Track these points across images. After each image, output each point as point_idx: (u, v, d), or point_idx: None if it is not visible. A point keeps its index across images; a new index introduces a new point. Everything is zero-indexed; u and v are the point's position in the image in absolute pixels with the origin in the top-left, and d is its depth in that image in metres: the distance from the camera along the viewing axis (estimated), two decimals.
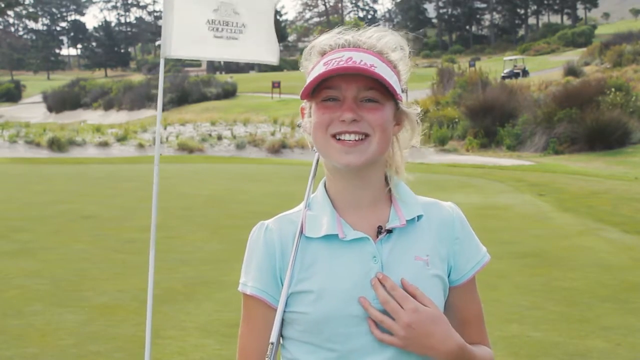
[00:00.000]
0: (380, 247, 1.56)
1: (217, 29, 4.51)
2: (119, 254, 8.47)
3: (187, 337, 5.54)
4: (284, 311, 1.56)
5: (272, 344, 1.51)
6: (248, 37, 4.54)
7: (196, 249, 8.74)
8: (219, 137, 28.17)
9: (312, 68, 1.58)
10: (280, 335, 1.60)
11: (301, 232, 1.57)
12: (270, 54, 4.61)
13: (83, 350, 5.27)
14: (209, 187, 14.50)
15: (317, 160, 1.67)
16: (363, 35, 1.60)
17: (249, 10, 4.54)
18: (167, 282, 7.08)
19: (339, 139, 1.53)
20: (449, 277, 1.63)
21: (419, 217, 1.61)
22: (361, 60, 1.51)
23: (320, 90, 1.54)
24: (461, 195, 12.59)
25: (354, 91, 1.52)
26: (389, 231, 1.57)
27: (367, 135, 1.53)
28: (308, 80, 1.55)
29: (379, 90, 1.53)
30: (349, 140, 1.52)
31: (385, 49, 1.58)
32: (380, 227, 1.58)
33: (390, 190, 1.63)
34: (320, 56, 1.59)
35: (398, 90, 1.54)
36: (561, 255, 8.38)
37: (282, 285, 1.56)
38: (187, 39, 4.53)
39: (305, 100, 1.61)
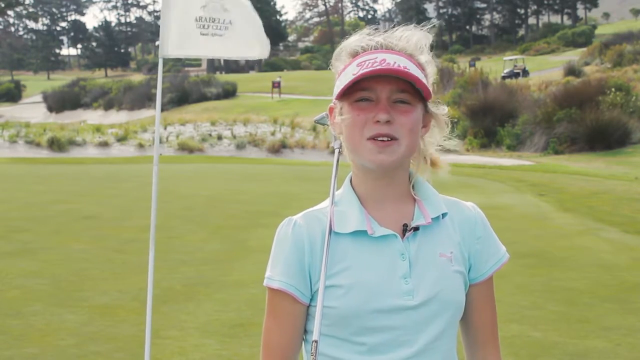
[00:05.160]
0: (407, 244, 1.60)
1: (204, 26, 4.53)
2: (119, 254, 8.47)
3: (187, 337, 5.53)
4: (310, 305, 1.61)
5: (315, 341, 1.52)
6: (235, 34, 4.55)
7: (196, 249, 8.74)
8: (219, 137, 28.16)
9: (344, 69, 1.60)
10: (305, 329, 1.64)
11: (330, 228, 1.59)
12: (258, 49, 4.62)
13: (83, 350, 5.27)
14: (209, 187, 14.50)
15: (338, 158, 1.69)
16: (393, 37, 1.63)
17: (234, 6, 4.56)
18: (167, 282, 7.08)
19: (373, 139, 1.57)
20: (468, 274, 1.68)
21: (444, 214, 1.65)
22: (395, 62, 1.54)
23: (354, 91, 1.57)
24: (461, 196, 12.47)
25: (387, 93, 1.56)
26: (415, 229, 1.61)
27: (396, 138, 1.56)
28: (342, 81, 1.58)
29: (410, 92, 1.57)
30: (382, 141, 1.56)
31: (415, 52, 1.62)
32: (405, 225, 1.61)
33: (413, 187, 1.67)
34: (351, 57, 1.61)
35: (429, 92, 1.58)
36: (561, 255, 8.38)
37: (310, 280, 1.60)
38: (181, 38, 4.54)
39: (335, 100, 1.63)
